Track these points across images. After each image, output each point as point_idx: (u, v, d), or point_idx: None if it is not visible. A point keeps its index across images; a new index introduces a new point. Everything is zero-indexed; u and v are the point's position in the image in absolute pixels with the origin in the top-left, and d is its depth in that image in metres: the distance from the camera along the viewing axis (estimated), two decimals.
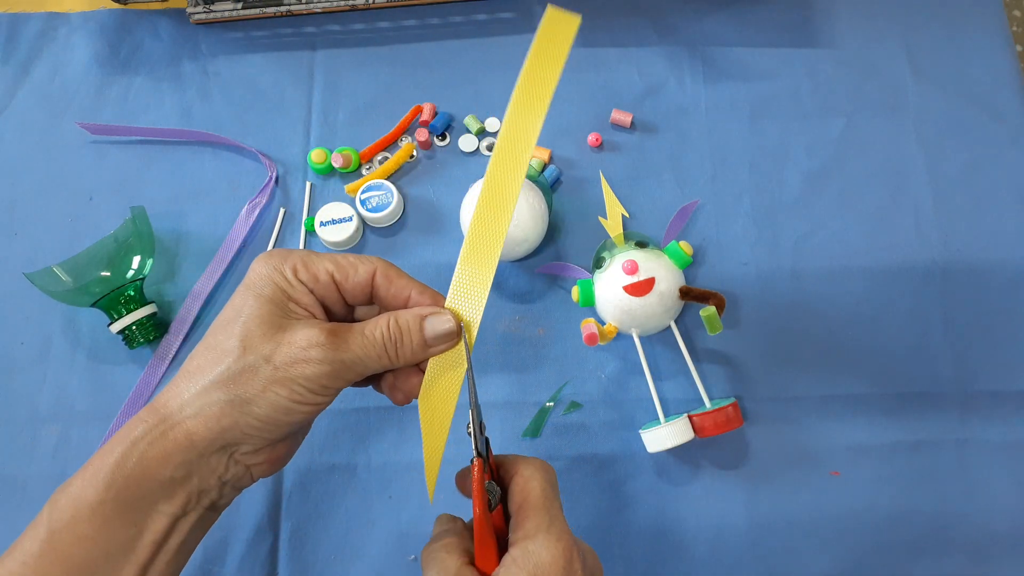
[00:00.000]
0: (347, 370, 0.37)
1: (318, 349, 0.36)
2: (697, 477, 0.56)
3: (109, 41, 0.68)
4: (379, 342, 0.37)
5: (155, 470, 0.35)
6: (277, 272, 0.38)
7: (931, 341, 0.58)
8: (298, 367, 0.35)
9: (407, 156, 0.64)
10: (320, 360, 0.36)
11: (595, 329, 0.53)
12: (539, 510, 0.38)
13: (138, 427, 0.36)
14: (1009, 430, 0.56)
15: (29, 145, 0.66)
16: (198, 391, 0.36)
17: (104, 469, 0.35)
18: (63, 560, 0.34)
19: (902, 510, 0.55)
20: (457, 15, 0.68)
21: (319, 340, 0.36)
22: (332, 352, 0.36)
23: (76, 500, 0.35)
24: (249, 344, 0.36)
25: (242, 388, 0.35)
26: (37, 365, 0.60)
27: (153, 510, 0.36)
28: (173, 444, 0.35)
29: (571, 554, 0.36)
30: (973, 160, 0.62)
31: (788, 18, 0.66)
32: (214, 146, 0.65)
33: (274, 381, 0.35)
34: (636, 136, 0.64)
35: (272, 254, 0.39)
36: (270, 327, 0.36)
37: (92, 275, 0.57)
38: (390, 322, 0.38)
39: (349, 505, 0.56)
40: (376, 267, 0.39)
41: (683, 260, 0.55)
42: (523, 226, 0.55)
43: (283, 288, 0.37)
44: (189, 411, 0.35)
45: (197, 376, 0.36)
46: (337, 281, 0.39)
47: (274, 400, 0.35)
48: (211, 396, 0.35)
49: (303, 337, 0.36)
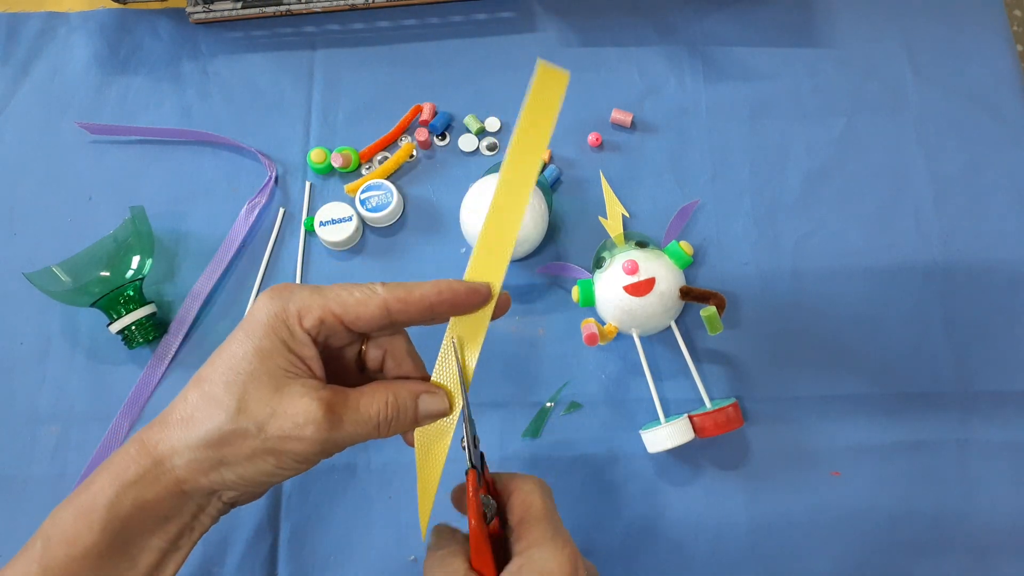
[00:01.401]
0: (337, 447, 0.37)
1: (313, 428, 0.35)
2: (697, 477, 0.56)
3: (109, 41, 0.68)
4: (373, 420, 0.38)
5: (149, 511, 0.36)
6: (280, 321, 0.37)
7: (931, 341, 0.58)
8: (290, 443, 0.35)
9: (407, 156, 0.64)
10: (313, 440, 0.36)
11: (595, 329, 0.53)
12: (542, 521, 0.38)
13: (131, 467, 0.36)
14: (1009, 430, 0.56)
15: (29, 145, 0.66)
16: (189, 444, 0.36)
17: (98, 509, 0.35)
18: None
19: (902, 510, 0.55)
20: (457, 15, 0.68)
21: (315, 417, 0.35)
22: (326, 432, 0.36)
23: (70, 541, 0.35)
24: (244, 407, 0.35)
25: (231, 451, 0.35)
26: (37, 365, 0.60)
27: (146, 546, 0.37)
28: (165, 489, 0.36)
29: (576, 562, 0.37)
30: (973, 160, 0.62)
31: (788, 18, 0.66)
32: (214, 146, 0.65)
33: (264, 451, 0.35)
34: (636, 136, 0.64)
35: (277, 295, 0.38)
36: (268, 389, 0.36)
37: (91, 275, 0.57)
38: (388, 400, 0.38)
39: (349, 505, 0.56)
40: (387, 300, 0.38)
41: (683, 260, 0.55)
42: (523, 226, 0.55)
43: (285, 340, 0.37)
44: (179, 461, 0.36)
45: (190, 427, 0.36)
46: (345, 322, 0.38)
47: (260, 466, 0.36)
48: (200, 452, 0.35)
49: (300, 411, 0.35)
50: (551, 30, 0.67)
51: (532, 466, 0.56)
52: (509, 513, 0.40)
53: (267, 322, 0.37)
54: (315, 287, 0.38)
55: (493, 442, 0.57)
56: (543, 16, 0.67)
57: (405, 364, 0.41)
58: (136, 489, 0.36)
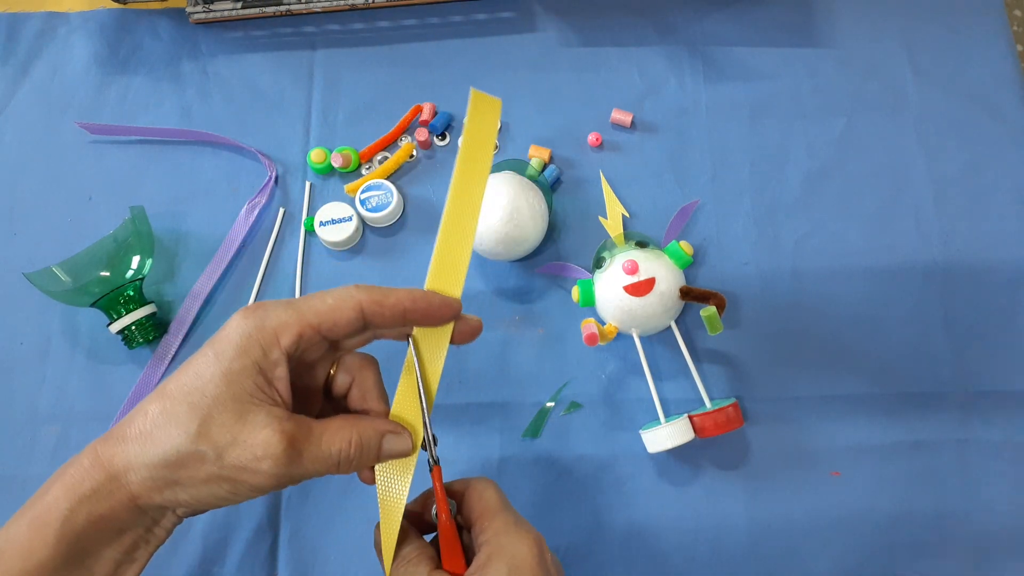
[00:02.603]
0: (293, 480, 0.37)
1: (271, 462, 0.35)
2: (697, 477, 0.56)
3: (109, 41, 0.68)
4: (333, 458, 0.37)
5: (103, 524, 0.36)
6: (254, 342, 0.36)
7: (931, 341, 0.58)
8: (246, 474, 0.35)
9: (407, 156, 0.64)
10: (269, 474, 0.35)
11: (595, 329, 0.53)
12: (502, 511, 0.39)
13: (85, 481, 0.35)
14: (1009, 430, 0.56)
15: (29, 145, 0.66)
16: (145, 462, 0.35)
17: (52, 523, 0.35)
18: None
19: (902, 510, 0.55)
20: (457, 15, 0.68)
21: (275, 452, 0.35)
22: (285, 468, 0.35)
23: (25, 554, 0.35)
24: (205, 431, 0.35)
25: (187, 474, 0.35)
26: (37, 365, 0.60)
27: (101, 558, 0.36)
28: (119, 504, 0.35)
29: (542, 545, 0.38)
30: (973, 160, 0.62)
31: (788, 18, 0.66)
32: (214, 146, 0.65)
33: (219, 477, 0.35)
34: (636, 136, 0.64)
35: (251, 314, 0.37)
36: (231, 415, 0.35)
37: (91, 275, 0.57)
38: (352, 439, 0.37)
39: (349, 506, 0.56)
40: (361, 302, 0.37)
41: (683, 260, 0.55)
42: (523, 226, 0.55)
43: (257, 362, 0.36)
44: (134, 477, 0.35)
45: (147, 444, 0.35)
46: (323, 333, 0.37)
47: (215, 491, 0.36)
48: (156, 471, 0.35)
49: (260, 443, 0.35)
50: (551, 30, 0.67)
51: (532, 466, 0.56)
52: (467, 509, 0.40)
53: (240, 343, 0.36)
54: (289, 302, 0.37)
55: (493, 442, 0.57)
56: (543, 16, 0.67)
57: (370, 397, 0.41)
58: (91, 503, 0.35)
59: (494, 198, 0.55)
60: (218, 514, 0.56)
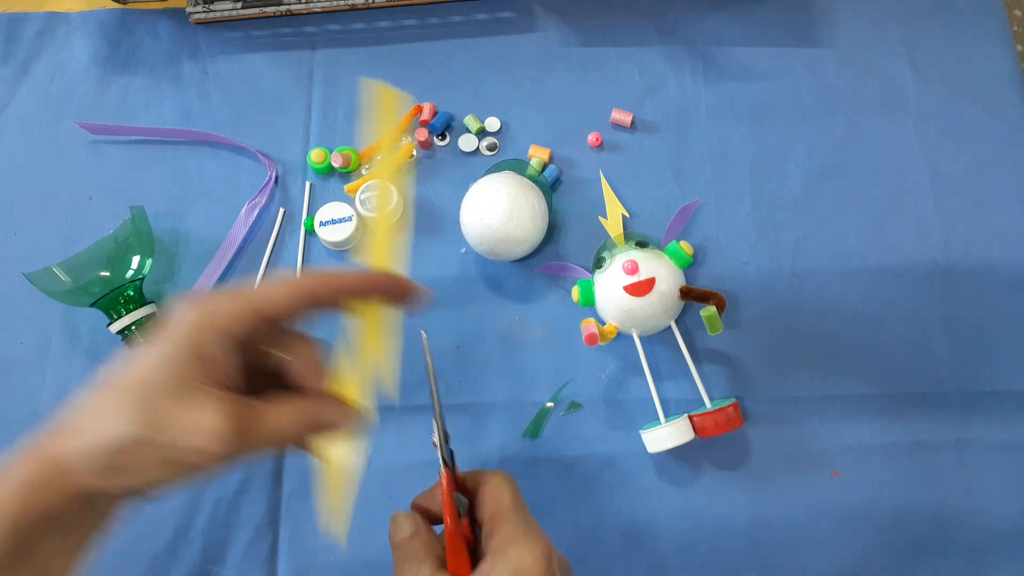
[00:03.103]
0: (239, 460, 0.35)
1: (216, 443, 0.34)
2: (697, 477, 0.56)
3: (109, 41, 0.68)
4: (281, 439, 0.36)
5: (51, 517, 0.35)
6: (197, 330, 0.35)
7: (932, 341, 0.58)
8: (191, 456, 0.34)
9: (407, 156, 0.64)
10: (215, 455, 0.34)
11: (595, 329, 0.53)
12: (513, 515, 0.38)
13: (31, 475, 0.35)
14: (1009, 430, 0.56)
15: (29, 145, 0.66)
16: (88, 452, 0.34)
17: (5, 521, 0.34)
18: None
19: (902, 510, 0.55)
20: (457, 15, 0.68)
21: (219, 432, 0.34)
22: (231, 448, 0.34)
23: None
24: (146, 417, 0.34)
25: (131, 460, 0.34)
26: (37, 365, 0.60)
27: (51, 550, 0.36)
28: (66, 495, 0.35)
29: (550, 555, 0.37)
30: (974, 160, 0.62)
31: (788, 18, 0.66)
32: (214, 146, 0.65)
33: (165, 461, 0.34)
34: (636, 136, 0.64)
35: (196, 303, 0.36)
36: (173, 400, 0.34)
37: (91, 275, 0.57)
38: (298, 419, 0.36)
39: None
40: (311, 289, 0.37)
41: (683, 260, 0.55)
42: (523, 226, 0.55)
43: (201, 348, 0.35)
44: (79, 467, 0.34)
45: (87, 432, 0.34)
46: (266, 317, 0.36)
47: (162, 475, 0.34)
48: (100, 460, 0.34)
49: (204, 424, 0.34)
50: (551, 30, 0.67)
51: (532, 466, 0.56)
52: (479, 508, 0.40)
53: (184, 331, 0.35)
54: (236, 290, 0.37)
55: (493, 442, 0.57)
56: (543, 16, 0.67)
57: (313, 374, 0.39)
58: (35, 495, 0.34)
59: (494, 198, 0.55)
60: (218, 514, 0.56)
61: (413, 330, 0.42)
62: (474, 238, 0.57)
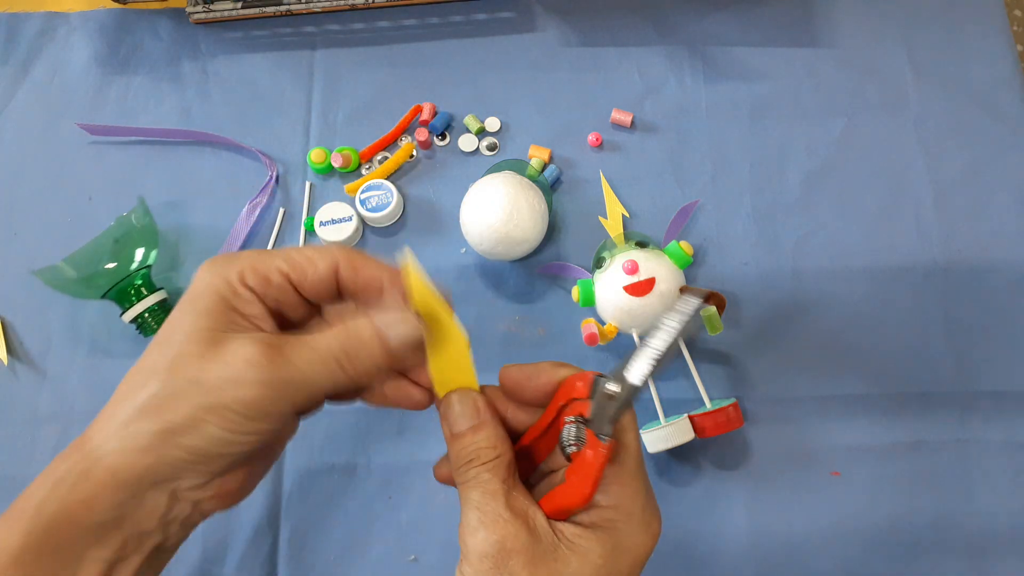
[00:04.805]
0: (293, 391, 0.32)
1: (254, 369, 0.31)
2: (697, 477, 0.56)
3: (109, 41, 0.68)
4: (330, 356, 0.32)
5: (80, 515, 0.31)
6: (221, 279, 0.33)
7: (931, 341, 0.58)
8: (230, 391, 0.31)
9: (407, 156, 0.64)
10: (256, 381, 0.31)
11: (595, 329, 0.53)
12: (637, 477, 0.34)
13: (61, 465, 0.32)
14: (1010, 430, 0.56)
15: (29, 145, 0.66)
16: (123, 421, 0.31)
17: (26, 514, 0.31)
18: None
19: (902, 510, 0.55)
20: (457, 15, 0.68)
21: (255, 358, 0.31)
22: (270, 371, 0.31)
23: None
24: (178, 364, 0.31)
25: (169, 416, 0.31)
26: (37, 364, 0.60)
27: (83, 557, 0.31)
28: (97, 485, 0.31)
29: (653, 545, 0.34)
30: (974, 160, 0.62)
31: (788, 18, 0.66)
32: (214, 146, 0.65)
33: (204, 408, 0.31)
34: (636, 136, 0.64)
35: (217, 260, 0.34)
36: (205, 344, 0.31)
37: (97, 267, 0.57)
38: (342, 333, 0.33)
39: (349, 505, 0.56)
40: (338, 260, 0.34)
41: (683, 260, 0.55)
42: (523, 226, 0.55)
43: (226, 298, 0.32)
44: (113, 444, 0.31)
45: (122, 404, 0.32)
46: (293, 281, 0.34)
47: (205, 430, 0.31)
48: (136, 426, 0.31)
49: (238, 354, 0.31)
50: (551, 30, 0.67)
51: None
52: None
53: (207, 283, 0.33)
54: (261, 250, 0.35)
55: None
56: (543, 16, 0.67)
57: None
58: (63, 489, 0.31)
59: (494, 198, 0.55)
60: (218, 514, 0.56)
61: None
62: (474, 238, 0.57)
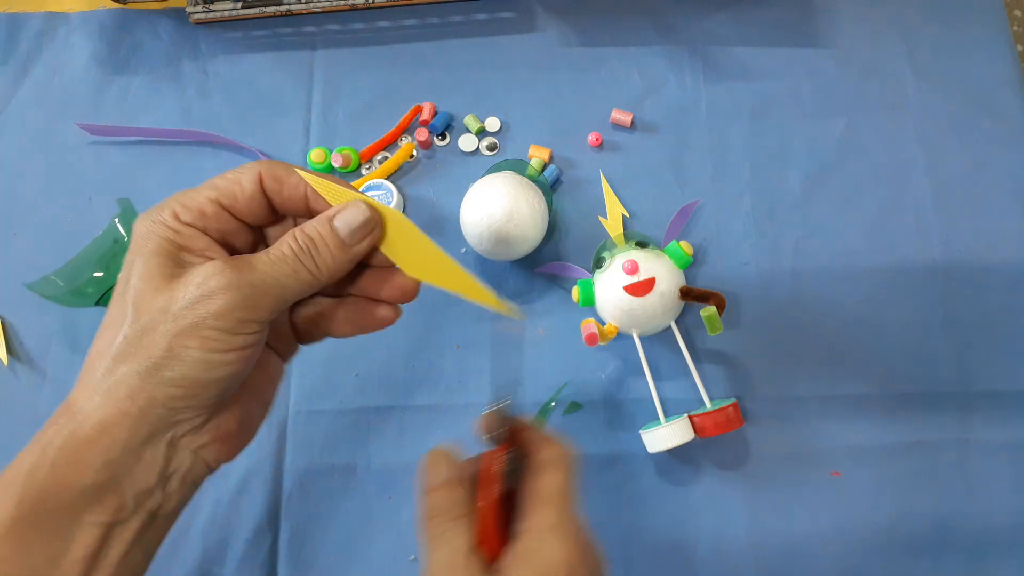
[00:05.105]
0: (262, 295, 0.32)
1: (217, 278, 0.31)
2: (697, 477, 0.56)
3: (109, 41, 0.68)
4: (289, 256, 0.33)
5: (71, 478, 0.31)
6: (157, 224, 0.33)
7: (932, 341, 0.58)
8: (201, 306, 0.30)
9: (407, 156, 0.64)
10: (224, 288, 0.31)
11: (595, 329, 0.53)
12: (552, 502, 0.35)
13: (49, 430, 0.31)
14: (1009, 430, 0.56)
15: (29, 145, 0.66)
16: (102, 374, 0.31)
17: (16, 482, 0.31)
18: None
19: (902, 510, 0.55)
20: (457, 15, 0.68)
21: (217, 269, 0.31)
22: (236, 276, 0.31)
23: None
24: (142, 303, 0.31)
25: (146, 353, 0.30)
26: (37, 365, 0.60)
27: (78, 522, 0.31)
28: (86, 443, 0.31)
29: (576, 559, 0.35)
30: (974, 160, 0.62)
31: (788, 18, 0.66)
32: (214, 146, 0.65)
33: (178, 333, 0.30)
34: (636, 136, 0.64)
35: (149, 210, 0.34)
36: (163, 279, 0.31)
37: (85, 277, 0.57)
38: (296, 233, 0.34)
39: (349, 506, 0.56)
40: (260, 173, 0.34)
41: (683, 260, 0.55)
42: (523, 226, 0.55)
43: (168, 238, 0.32)
44: (97, 399, 0.31)
45: (98, 359, 0.31)
46: (226, 207, 0.34)
47: (186, 356, 0.30)
48: (116, 375, 0.31)
49: (199, 274, 0.31)
50: (551, 30, 0.67)
51: None
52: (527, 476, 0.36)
53: (146, 230, 0.33)
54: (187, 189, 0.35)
55: None
56: (543, 16, 0.67)
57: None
58: (52, 452, 0.31)
59: (494, 198, 0.55)
60: (218, 514, 0.56)
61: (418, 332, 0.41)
62: (474, 238, 0.57)
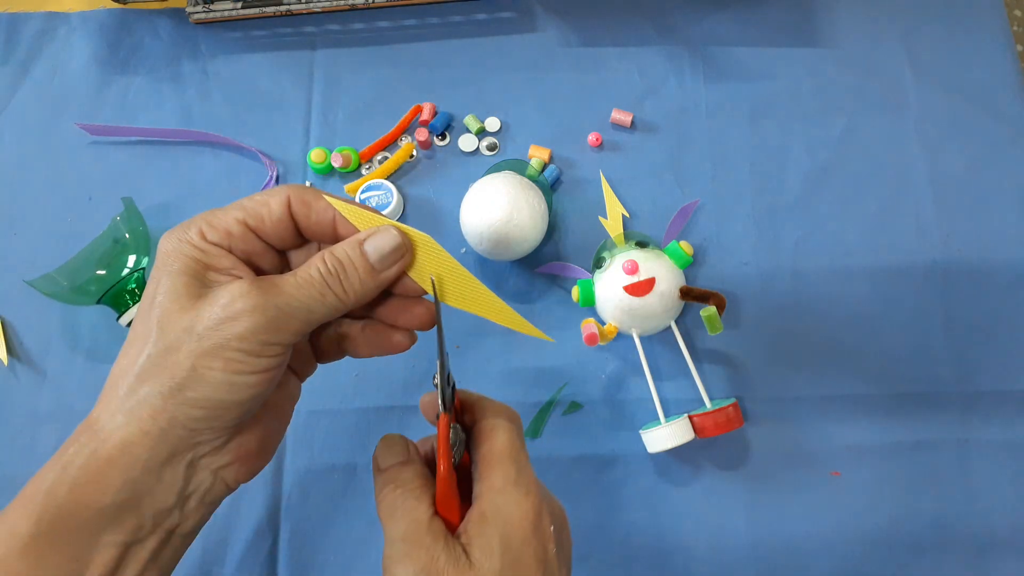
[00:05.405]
0: (288, 318, 0.32)
1: (244, 299, 0.31)
2: (697, 477, 0.56)
3: (109, 41, 0.68)
4: (317, 279, 0.33)
5: (91, 497, 0.31)
6: (184, 242, 0.33)
7: (932, 341, 0.58)
8: (225, 328, 0.30)
9: (407, 156, 0.64)
10: (250, 310, 0.31)
11: (595, 329, 0.53)
12: (506, 461, 0.35)
13: (70, 448, 0.31)
14: (1010, 430, 0.56)
15: (28, 145, 0.66)
16: (125, 392, 0.31)
17: (35, 499, 0.31)
18: None
19: (902, 510, 0.55)
20: (457, 15, 0.68)
21: (243, 291, 0.31)
22: (262, 299, 0.31)
23: (8, 535, 0.30)
24: (167, 322, 0.31)
25: (170, 372, 0.30)
26: (37, 364, 0.60)
27: (96, 541, 0.31)
28: (107, 463, 0.31)
29: (540, 509, 0.34)
30: (974, 160, 0.62)
31: (788, 18, 0.66)
32: (214, 146, 0.65)
33: (202, 354, 0.30)
34: (636, 136, 0.64)
35: (175, 228, 0.34)
36: (188, 298, 0.31)
37: (87, 275, 0.57)
38: (325, 256, 0.33)
39: (349, 506, 0.56)
40: (289, 196, 0.34)
41: (683, 260, 0.55)
42: (523, 226, 0.55)
43: (194, 257, 0.32)
44: (120, 419, 0.31)
45: (121, 377, 0.31)
46: (253, 228, 0.34)
47: (209, 377, 0.30)
48: (139, 394, 0.30)
49: (225, 294, 0.31)
50: (551, 30, 0.67)
51: (532, 466, 0.56)
52: (474, 446, 0.36)
53: (172, 249, 0.33)
54: (215, 208, 0.35)
55: None
56: (543, 16, 0.67)
57: None
58: (72, 471, 0.31)
59: (494, 198, 0.55)
60: (218, 514, 0.55)
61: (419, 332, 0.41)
62: (474, 238, 0.57)
